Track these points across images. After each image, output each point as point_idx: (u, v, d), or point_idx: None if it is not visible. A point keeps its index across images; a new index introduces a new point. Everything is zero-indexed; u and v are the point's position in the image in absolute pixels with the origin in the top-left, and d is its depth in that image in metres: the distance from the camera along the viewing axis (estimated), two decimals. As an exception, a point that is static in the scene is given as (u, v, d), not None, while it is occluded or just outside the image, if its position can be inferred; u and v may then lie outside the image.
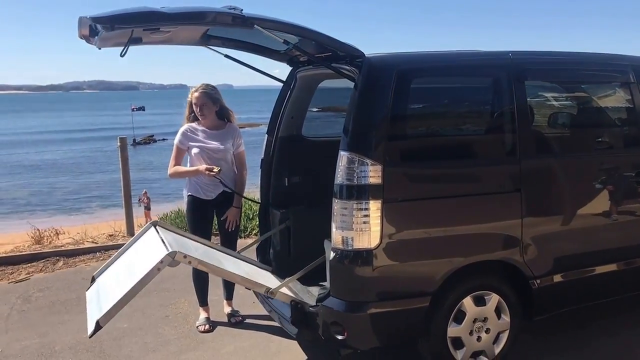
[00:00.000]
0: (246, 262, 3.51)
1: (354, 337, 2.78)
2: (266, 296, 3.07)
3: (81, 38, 2.59)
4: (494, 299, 2.96)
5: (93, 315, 2.68)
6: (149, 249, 3.00)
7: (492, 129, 3.16)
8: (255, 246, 3.78)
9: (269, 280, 3.20)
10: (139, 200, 12.62)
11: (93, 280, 3.18)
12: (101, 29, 2.41)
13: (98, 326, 2.55)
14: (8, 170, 22.38)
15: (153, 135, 32.69)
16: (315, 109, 3.95)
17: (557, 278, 3.09)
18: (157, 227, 3.27)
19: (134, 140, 33.05)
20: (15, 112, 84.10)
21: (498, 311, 2.99)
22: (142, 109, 31.81)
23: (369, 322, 2.76)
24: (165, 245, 2.85)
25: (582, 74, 3.45)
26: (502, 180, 2.95)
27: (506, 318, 3.01)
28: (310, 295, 3.09)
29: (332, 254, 2.75)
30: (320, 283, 3.02)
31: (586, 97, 3.72)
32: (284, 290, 2.98)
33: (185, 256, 2.71)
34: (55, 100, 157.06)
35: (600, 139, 3.48)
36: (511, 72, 3.00)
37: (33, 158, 25.14)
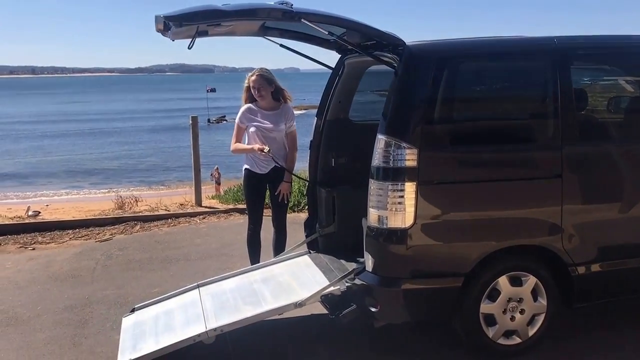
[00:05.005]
0: (282, 264, 3.58)
1: (386, 310, 2.81)
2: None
3: (158, 32, 2.85)
4: (530, 280, 2.86)
5: (125, 349, 2.91)
6: (189, 313, 3.12)
7: (532, 114, 3.02)
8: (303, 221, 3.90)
9: (298, 289, 3.16)
10: (211, 175, 13.17)
11: (133, 310, 3.37)
12: (172, 25, 2.64)
13: None
14: (106, 145, 24.20)
15: (225, 116, 33.67)
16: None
17: (599, 267, 2.92)
18: (200, 289, 3.38)
19: (209, 119, 34.37)
20: (110, 92, 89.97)
21: (535, 293, 2.89)
22: (213, 90, 33.13)
23: (402, 297, 2.78)
24: (204, 318, 2.99)
25: (631, 59, 3.16)
26: (542, 165, 2.83)
27: (543, 301, 2.90)
28: (342, 269, 3.12)
29: (367, 231, 2.79)
30: (359, 259, 3.07)
31: (636, 82, 3.43)
32: (309, 292, 2.99)
33: (215, 329, 2.86)
34: (143, 81, 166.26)
35: None
36: (556, 57, 2.85)
37: (126, 135, 27.02)
